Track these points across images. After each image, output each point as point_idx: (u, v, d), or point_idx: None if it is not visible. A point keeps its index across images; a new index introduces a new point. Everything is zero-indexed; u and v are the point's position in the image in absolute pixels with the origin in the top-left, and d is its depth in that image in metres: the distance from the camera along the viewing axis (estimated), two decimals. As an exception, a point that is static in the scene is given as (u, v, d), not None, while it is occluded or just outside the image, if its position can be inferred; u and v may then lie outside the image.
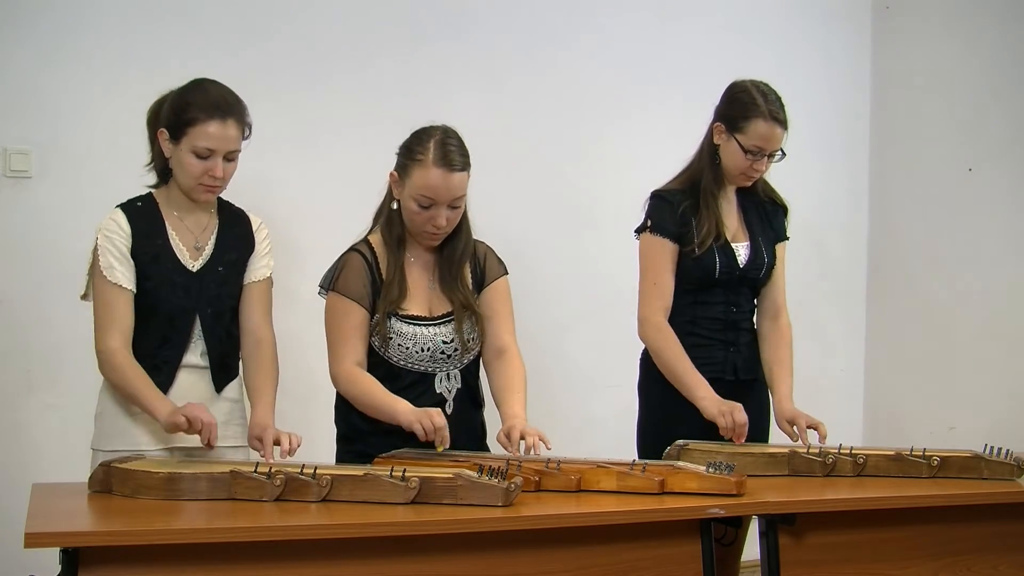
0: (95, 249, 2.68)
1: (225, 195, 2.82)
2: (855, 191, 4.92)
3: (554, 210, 4.36)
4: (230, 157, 2.67)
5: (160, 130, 2.68)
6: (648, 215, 3.15)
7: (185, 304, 2.70)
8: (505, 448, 2.71)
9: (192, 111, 2.63)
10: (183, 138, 2.64)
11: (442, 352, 2.83)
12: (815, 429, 3.04)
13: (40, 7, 3.63)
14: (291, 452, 2.61)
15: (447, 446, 2.66)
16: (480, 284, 2.92)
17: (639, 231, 3.17)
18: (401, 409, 2.70)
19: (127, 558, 2.09)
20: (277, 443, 2.63)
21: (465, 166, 2.78)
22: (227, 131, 2.64)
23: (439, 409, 2.71)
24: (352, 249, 2.86)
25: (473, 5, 4.25)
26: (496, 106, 4.22)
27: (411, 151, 2.78)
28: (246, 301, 2.80)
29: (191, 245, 2.73)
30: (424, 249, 2.87)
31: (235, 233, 2.79)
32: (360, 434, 2.82)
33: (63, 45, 3.65)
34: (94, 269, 2.68)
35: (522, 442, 2.68)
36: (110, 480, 2.40)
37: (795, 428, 3.08)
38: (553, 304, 4.29)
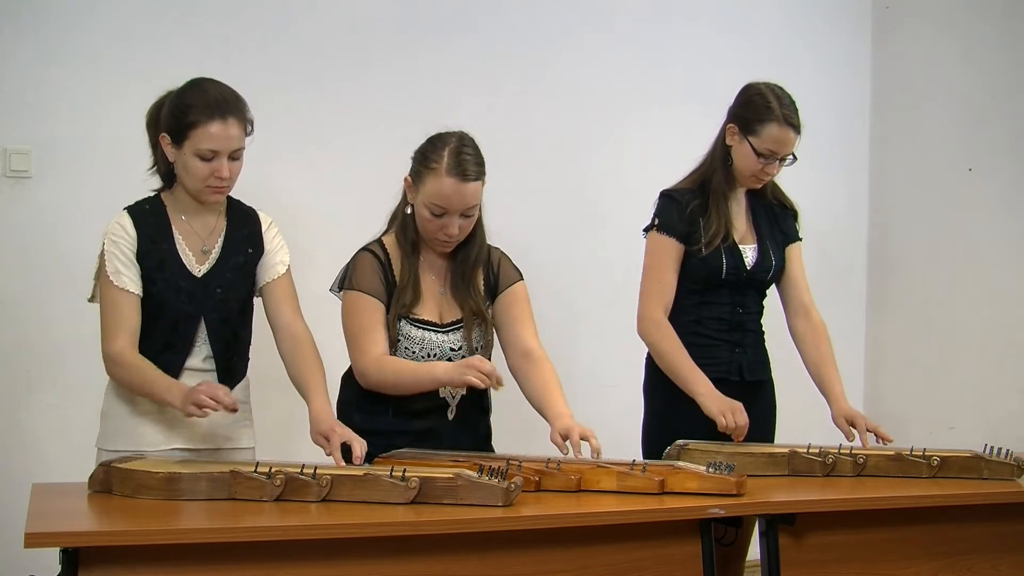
0: (102, 254, 2.67)
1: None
2: (855, 191, 4.92)
3: (556, 211, 4.36)
4: (235, 156, 2.65)
5: (161, 135, 2.66)
6: (656, 214, 3.15)
7: (189, 310, 2.69)
8: (560, 449, 2.67)
9: (192, 113, 2.60)
10: (185, 142, 2.61)
11: (449, 359, 2.81)
12: (875, 432, 3.04)
13: (41, 7, 3.63)
14: (361, 458, 2.56)
15: (504, 385, 2.64)
16: (494, 291, 2.91)
17: (647, 229, 3.17)
18: (440, 369, 2.67)
19: (127, 558, 2.10)
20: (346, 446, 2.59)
21: (479, 175, 2.75)
22: (229, 130, 2.62)
23: (479, 356, 2.68)
24: (364, 249, 2.85)
25: (475, 7, 4.25)
26: (499, 107, 4.22)
27: (426, 158, 2.76)
28: (271, 300, 2.77)
29: (198, 249, 2.72)
30: (437, 255, 2.86)
31: (243, 235, 2.77)
32: (361, 434, 2.80)
33: (63, 45, 3.65)
34: (101, 274, 2.67)
35: (582, 444, 2.65)
36: (110, 480, 2.40)
37: (854, 428, 3.07)
38: (556, 304, 4.28)
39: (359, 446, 2.56)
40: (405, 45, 4.12)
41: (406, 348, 2.80)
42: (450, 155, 2.73)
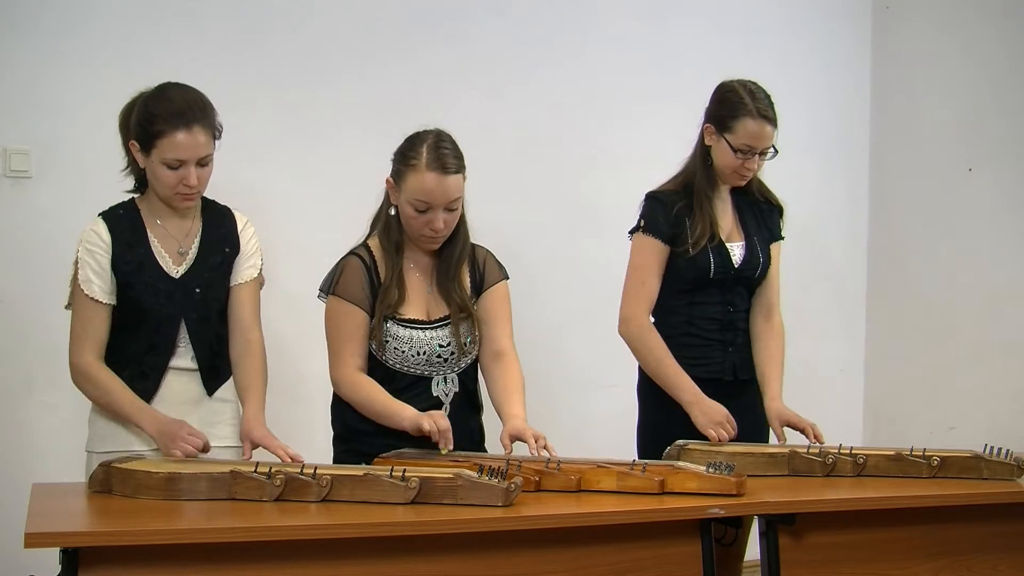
0: (76, 261, 2.69)
1: (223, 197, 2.82)
2: (855, 191, 4.92)
3: (554, 211, 4.36)
4: (203, 163, 2.65)
5: (131, 142, 2.67)
6: (642, 216, 3.16)
7: (170, 311, 2.70)
8: (505, 449, 2.71)
9: (158, 123, 2.60)
10: (153, 150, 2.62)
11: (438, 356, 2.83)
12: (803, 432, 3.04)
13: (40, 7, 3.63)
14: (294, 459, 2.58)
15: (451, 448, 2.67)
16: (479, 288, 2.92)
17: (632, 231, 3.17)
18: (407, 416, 2.71)
19: (127, 558, 2.10)
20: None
21: (460, 168, 2.78)
22: (195, 138, 2.62)
23: (442, 412, 2.72)
24: (351, 253, 2.87)
25: (472, 9, 4.24)
26: (495, 109, 4.22)
27: (405, 156, 2.79)
28: (235, 302, 2.79)
29: (174, 251, 2.73)
30: (422, 253, 2.87)
31: (219, 234, 2.78)
32: (356, 434, 2.82)
33: (63, 45, 3.65)
34: (74, 281, 2.69)
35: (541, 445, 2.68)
36: (110, 480, 2.40)
37: (785, 428, 3.08)
38: (553, 304, 4.29)
39: (283, 453, 2.58)
40: (403, 45, 4.12)
41: (395, 348, 2.81)
42: (429, 151, 2.75)
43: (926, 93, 4.70)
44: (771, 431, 3.15)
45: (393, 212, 2.84)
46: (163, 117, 2.61)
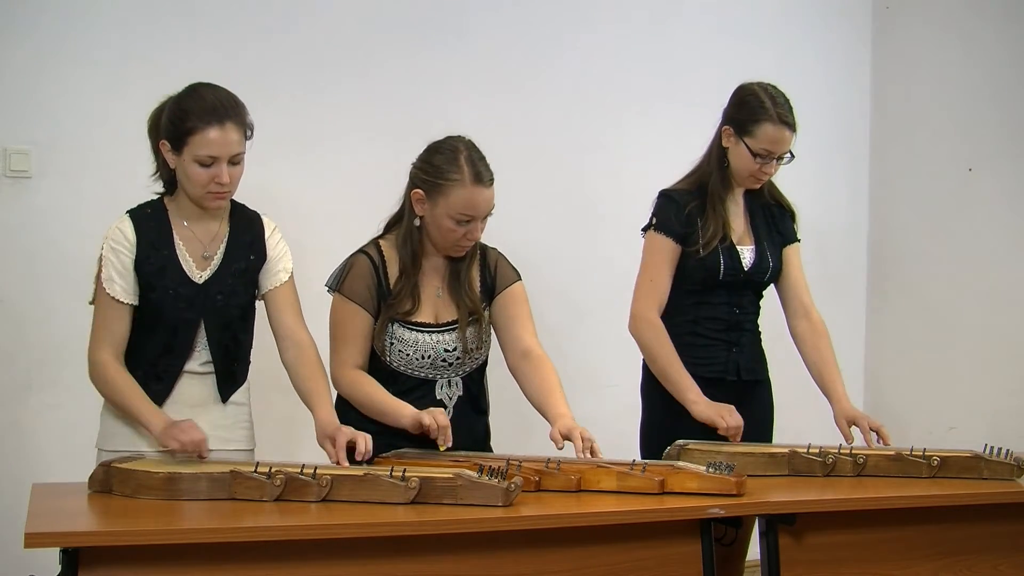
0: (100, 257, 2.68)
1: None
2: (855, 191, 4.92)
3: (555, 212, 4.36)
4: (235, 161, 2.64)
5: (161, 141, 2.65)
6: (654, 213, 3.15)
7: (189, 315, 2.68)
8: (557, 444, 2.69)
9: (190, 120, 2.59)
10: (184, 148, 2.60)
11: (443, 360, 2.83)
12: (877, 432, 3.04)
13: (39, 7, 3.63)
14: (366, 454, 2.57)
15: (449, 445, 2.66)
16: (491, 291, 2.92)
17: (645, 229, 3.17)
18: (406, 413, 2.71)
19: (127, 558, 2.10)
20: (351, 446, 2.58)
21: (492, 177, 2.80)
22: (228, 135, 2.60)
23: (443, 409, 2.72)
24: (361, 251, 2.87)
25: (475, 9, 4.24)
26: (498, 109, 4.21)
27: (441, 171, 2.77)
28: (274, 307, 2.77)
29: (199, 255, 2.71)
30: (437, 258, 2.87)
31: (245, 241, 2.76)
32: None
33: (63, 45, 3.65)
34: (98, 278, 2.68)
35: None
36: (110, 480, 2.40)
37: (857, 429, 3.07)
38: (555, 304, 4.28)
39: (363, 442, 2.57)
40: (404, 45, 4.12)
41: (400, 351, 2.81)
42: (468, 164, 2.76)
43: (926, 93, 4.71)
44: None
45: (418, 224, 2.83)
46: (195, 114, 2.59)
